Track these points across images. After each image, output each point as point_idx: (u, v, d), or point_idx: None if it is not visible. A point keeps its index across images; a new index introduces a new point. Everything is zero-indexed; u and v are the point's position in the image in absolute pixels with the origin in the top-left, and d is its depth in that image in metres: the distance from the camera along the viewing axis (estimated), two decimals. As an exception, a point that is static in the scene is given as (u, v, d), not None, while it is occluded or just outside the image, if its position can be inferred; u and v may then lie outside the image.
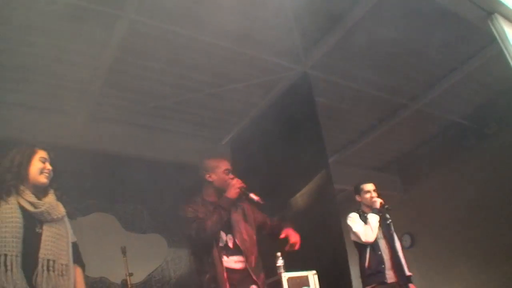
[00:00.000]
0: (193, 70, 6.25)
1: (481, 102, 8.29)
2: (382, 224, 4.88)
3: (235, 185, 3.84)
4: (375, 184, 5.20)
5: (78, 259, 3.00)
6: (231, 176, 3.98)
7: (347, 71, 6.72)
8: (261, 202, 4.06)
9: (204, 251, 3.69)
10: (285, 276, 4.49)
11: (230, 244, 3.73)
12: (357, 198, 5.20)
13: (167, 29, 5.40)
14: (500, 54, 5.02)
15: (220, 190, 3.94)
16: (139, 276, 6.77)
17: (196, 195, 4.14)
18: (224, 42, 5.76)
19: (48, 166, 2.93)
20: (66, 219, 2.94)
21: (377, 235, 4.78)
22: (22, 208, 2.69)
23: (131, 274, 4.37)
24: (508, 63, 4.88)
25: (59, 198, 2.93)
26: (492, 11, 5.07)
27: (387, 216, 5.01)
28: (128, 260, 4.70)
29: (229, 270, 3.61)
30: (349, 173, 9.31)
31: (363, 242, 4.73)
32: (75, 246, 2.98)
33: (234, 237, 3.79)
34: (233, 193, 3.82)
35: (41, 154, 2.98)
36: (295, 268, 4.74)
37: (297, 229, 6.14)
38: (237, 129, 7.88)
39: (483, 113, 8.36)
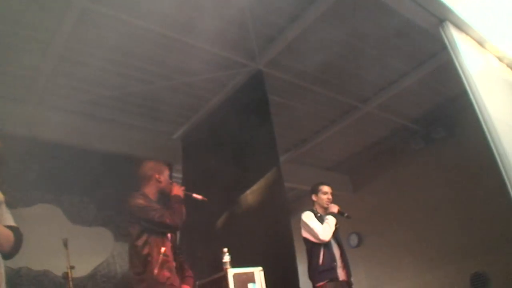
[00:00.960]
0: (146, 62, 6.16)
1: (430, 107, 8.51)
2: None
3: (178, 187, 4.11)
4: (331, 188, 5.28)
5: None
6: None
7: (301, 70, 6.77)
8: (205, 200, 4.22)
9: (159, 238, 3.78)
10: (231, 272, 4.49)
11: None
12: (313, 197, 5.24)
13: (120, 18, 5.29)
14: (450, 62, 5.14)
15: (162, 191, 4.11)
16: (84, 270, 6.65)
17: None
18: (179, 35, 5.71)
19: None
20: (3, 205, 2.77)
21: None
22: None
23: (72, 267, 4.27)
24: (457, 70, 5.00)
25: None
26: (443, 18, 5.19)
27: (346, 214, 5.23)
28: (73, 253, 4.59)
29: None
30: (300, 172, 9.39)
31: (320, 240, 4.79)
32: (14, 229, 2.81)
33: None
34: (180, 192, 4.06)
35: None
36: (242, 264, 4.75)
37: (246, 226, 6.19)
38: (189, 123, 7.81)
39: (432, 118, 8.58)
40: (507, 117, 5.12)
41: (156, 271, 3.60)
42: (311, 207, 5.23)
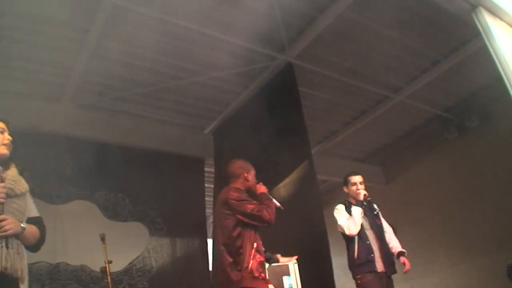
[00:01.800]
0: (176, 57, 6.21)
1: (464, 95, 8.35)
2: (369, 215, 4.91)
3: (263, 186, 4.23)
4: (363, 176, 5.17)
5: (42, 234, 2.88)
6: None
7: (331, 61, 6.71)
8: (282, 208, 4.24)
9: (252, 232, 3.89)
10: (266, 265, 4.51)
11: None
12: (345, 189, 5.17)
13: (149, 15, 5.33)
14: (484, 49, 5.02)
15: (249, 189, 4.16)
16: (120, 265, 6.76)
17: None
18: (208, 30, 5.72)
19: (7, 136, 2.74)
20: (28, 195, 2.82)
21: (364, 226, 4.79)
22: None
23: (110, 262, 4.31)
24: (491, 57, 4.88)
25: (21, 173, 2.80)
26: (476, 4, 5.04)
27: (375, 207, 5.08)
28: (109, 248, 4.65)
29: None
30: (332, 164, 9.34)
31: (347, 235, 4.74)
32: (39, 220, 2.86)
33: None
34: (266, 190, 4.20)
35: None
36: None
37: (279, 219, 6.17)
38: (220, 118, 7.84)
39: (465, 107, 8.42)
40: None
41: (250, 264, 3.67)
42: (345, 198, 5.16)
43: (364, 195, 4.95)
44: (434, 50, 6.95)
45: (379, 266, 4.61)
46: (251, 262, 3.67)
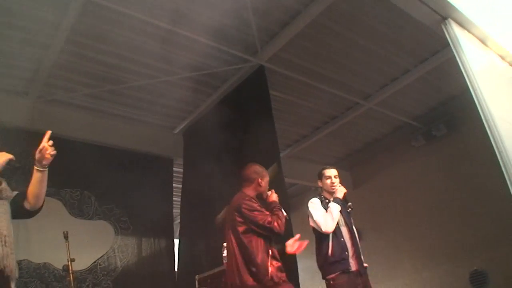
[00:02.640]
0: (147, 56, 6.17)
1: (432, 105, 8.52)
2: (343, 211, 4.68)
3: (274, 193, 4.21)
4: (338, 171, 4.99)
5: None
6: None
7: (302, 66, 6.76)
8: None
9: (263, 240, 3.87)
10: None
11: None
12: (319, 183, 4.95)
13: (123, 12, 5.30)
14: (453, 59, 5.12)
15: (260, 195, 4.16)
16: (84, 263, 6.69)
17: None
18: (181, 29, 5.71)
19: None
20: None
21: (339, 222, 4.55)
22: None
23: (73, 260, 4.28)
24: (459, 68, 4.98)
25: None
26: (446, 16, 5.16)
27: (349, 204, 4.86)
28: (73, 246, 4.61)
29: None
30: (301, 168, 9.39)
31: (323, 231, 4.48)
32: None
33: None
34: (277, 198, 4.17)
35: None
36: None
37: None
38: (190, 118, 7.83)
39: (433, 116, 8.58)
40: (509, 115, 5.10)
41: (269, 272, 3.69)
42: (320, 193, 4.94)
43: (345, 193, 4.80)
44: (404, 59, 7.07)
45: (353, 264, 4.40)
46: (270, 269, 3.68)
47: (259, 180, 4.15)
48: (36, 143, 6.43)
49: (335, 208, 4.56)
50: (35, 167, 2.93)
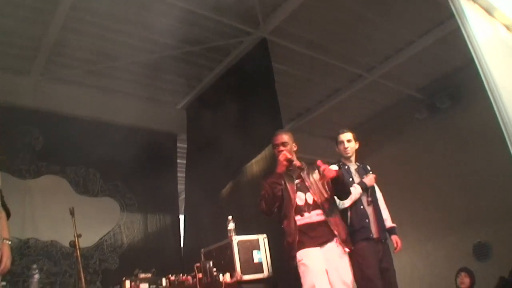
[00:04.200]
0: (149, 31, 6.10)
1: (436, 76, 8.43)
2: (363, 177, 4.64)
3: (280, 160, 4.03)
4: (352, 133, 4.90)
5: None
6: (280, 149, 4.18)
7: (305, 38, 6.69)
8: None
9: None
10: (236, 239, 4.54)
11: (310, 201, 3.99)
12: (336, 149, 4.89)
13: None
14: (457, 31, 5.04)
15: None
16: (91, 240, 6.74)
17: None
18: (182, 3, 5.64)
19: None
20: None
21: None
22: None
23: (79, 235, 4.28)
24: (464, 39, 4.91)
25: None
26: (451, -15, 5.08)
27: (368, 168, 4.89)
28: (80, 223, 4.61)
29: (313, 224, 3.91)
30: (304, 141, 9.33)
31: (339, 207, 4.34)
32: None
33: (313, 195, 4.02)
34: (280, 168, 4.01)
35: None
36: (247, 232, 4.79)
37: (251, 195, 6.18)
38: (193, 93, 7.78)
39: (437, 88, 8.50)
40: (514, 86, 5.06)
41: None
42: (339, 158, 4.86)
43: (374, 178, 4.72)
44: (408, 30, 6.98)
45: (374, 231, 4.35)
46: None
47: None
48: (39, 121, 6.48)
49: (356, 191, 4.46)
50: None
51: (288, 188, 4.03)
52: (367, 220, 4.37)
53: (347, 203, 4.37)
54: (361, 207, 4.43)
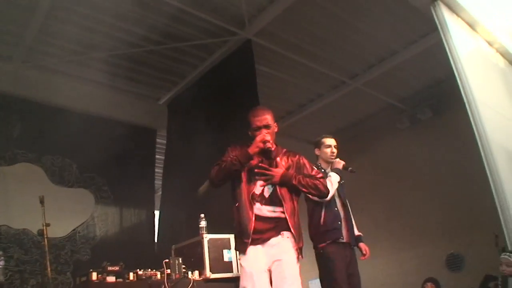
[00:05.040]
0: (134, 24, 6.10)
1: (418, 87, 8.53)
2: (338, 183, 4.54)
3: (257, 141, 3.39)
4: (339, 144, 4.84)
5: None
6: (262, 132, 3.46)
7: (290, 42, 6.72)
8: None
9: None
10: (207, 237, 4.55)
11: (266, 194, 3.39)
12: (316, 151, 4.81)
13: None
14: (441, 43, 5.10)
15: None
16: (63, 230, 6.72)
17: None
18: (170, -1, 5.63)
19: None
20: None
21: (333, 193, 4.41)
22: None
23: (48, 225, 4.27)
24: (446, 51, 4.98)
25: None
26: (435, -3, 5.14)
27: (350, 168, 4.76)
28: (53, 213, 4.59)
29: (261, 217, 3.31)
30: (284, 145, 9.33)
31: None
32: None
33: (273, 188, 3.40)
34: (252, 149, 3.38)
35: None
36: (220, 231, 4.79)
37: (226, 193, 6.15)
38: (175, 89, 7.78)
39: (419, 99, 8.59)
40: (493, 102, 5.14)
41: None
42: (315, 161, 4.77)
43: (343, 164, 4.66)
44: (393, 40, 7.06)
45: (345, 235, 4.34)
46: None
47: None
48: (17, 108, 6.42)
49: (335, 177, 4.47)
50: None
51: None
52: (339, 222, 4.37)
53: (329, 195, 4.13)
54: (335, 208, 4.43)
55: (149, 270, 4.33)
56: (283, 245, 3.24)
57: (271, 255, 3.21)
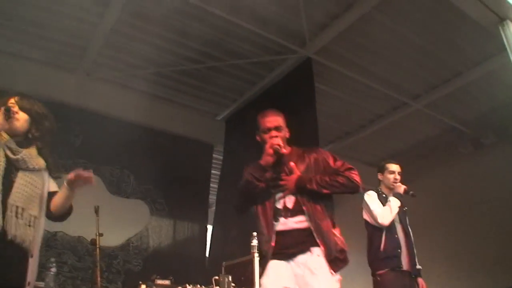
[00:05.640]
0: (196, 41, 6.17)
1: (483, 110, 8.17)
2: (400, 210, 4.50)
3: (267, 150, 3.12)
4: (401, 167, 4.80)
5: None
6: (272, 134, 3.22)
7: (351, 61, 6.62)
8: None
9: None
10: (258, 256, 4.48)
11: (289, 205, 3.06)
12: (379, 176, 4.79)
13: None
14: (508, 65, 4.90)
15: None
16: (117, 240, 6.81)
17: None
18: (231, 16, 5.68)
19: (16, 110, 2.75)
20: (45, 173, 2.85)
21: (394, 219, 4.40)
22: (5, 154, 2.65)
23: (101, 234, 4.35)
24: (513, 74, 4.78)
25: (39, 152, 2.84)
26: (504, 17, 4.95)
27: (411, 192, 4.77)
28: (108, 223, 4.69)
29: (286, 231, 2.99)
30: (342, 165, 9.23)
31: (379, 223, 4.31)
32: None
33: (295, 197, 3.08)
34: (265, 160, 3.12)
35: (10, 100, 2.79)
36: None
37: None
38: (234, 106, 7.82)
39: (483, 122, 8.26)
40: None
41: None
42: (377, 186, 4.77)
43: (405, 189, 4.64)
44: (457, 60, 6.83)
45: (405, 263, 4.25)
46: None
47: None
48: (80, 119, 6.61)
49: (394, 202, 4.41)
50: (65, 184, 2.86)
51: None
52: (399, 250, 4.28)
53: (388, 220, 4.27)
54: (396, 235, 4.36)
55: (198, 286, 4.31)
56: (312, 263, 2.84)
57: (298, 275, 2.85)
